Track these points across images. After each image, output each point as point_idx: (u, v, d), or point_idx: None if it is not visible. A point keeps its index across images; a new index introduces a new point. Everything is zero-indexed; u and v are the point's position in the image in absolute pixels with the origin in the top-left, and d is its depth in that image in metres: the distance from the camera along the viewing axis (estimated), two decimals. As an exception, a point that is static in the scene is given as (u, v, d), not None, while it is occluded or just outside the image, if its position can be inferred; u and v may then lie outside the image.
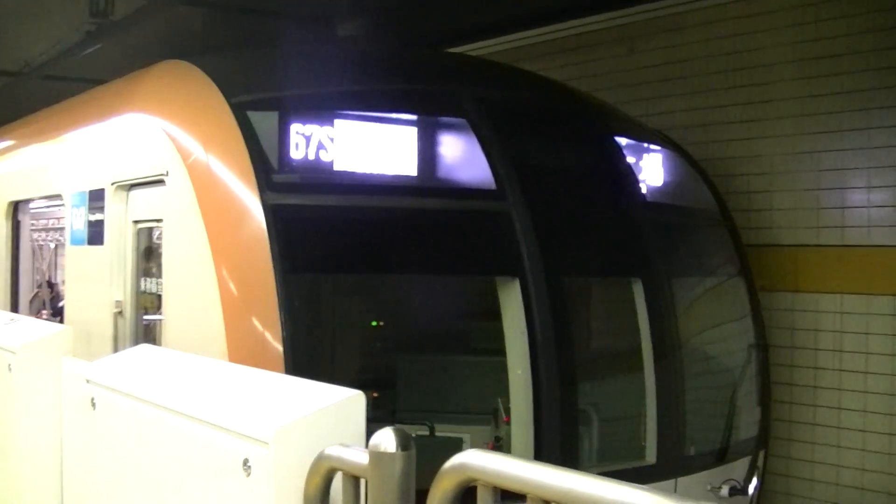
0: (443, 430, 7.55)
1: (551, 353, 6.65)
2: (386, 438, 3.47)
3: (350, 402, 3.95)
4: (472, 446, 6.75)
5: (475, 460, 3.25)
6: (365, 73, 7.67)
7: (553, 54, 11.69)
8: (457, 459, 3.31)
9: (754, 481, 7.75)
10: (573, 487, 2.96)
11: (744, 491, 7.60)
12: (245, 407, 4.31)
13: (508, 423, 6.97)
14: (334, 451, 3.73)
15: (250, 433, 3.91)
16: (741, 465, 7.83)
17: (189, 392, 4.70)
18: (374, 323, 8.17)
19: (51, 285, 16.48)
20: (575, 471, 3.04)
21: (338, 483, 3.78)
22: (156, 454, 4.78)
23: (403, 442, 3.49)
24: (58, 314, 14.47)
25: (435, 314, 8.00)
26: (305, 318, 6.46)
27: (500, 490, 3.23)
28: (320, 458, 3.76)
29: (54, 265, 19.48)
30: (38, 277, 16.41)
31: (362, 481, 3.68)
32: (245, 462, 3.93)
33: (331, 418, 3.89)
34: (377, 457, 3.48)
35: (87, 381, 5.57)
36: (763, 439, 8.33)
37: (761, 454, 8.15)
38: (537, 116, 7.76)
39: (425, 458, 3.57)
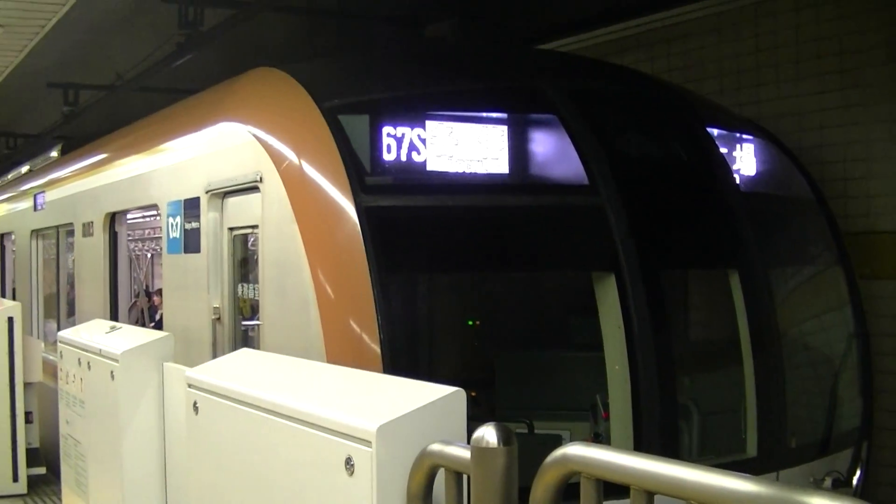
0: (541, 428, 7.54)
1: (649, 347, 6.62)
2: (488, 434, 3.49)
3: (451, 399, 3.97)
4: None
5: (578, 452, 3.26)
6: (454, 72, 7.69)
7: (642, 47, 11.62)
8: (559, 452, 3.32)
9: (858, 473, 7.65)
10: (678, 477, 2.95)
11: (847, 483, 7.50)
12: (347, 406, 4.35)
13: (607, 418, 6.95)
14: (437, 447, 3.75)
15: (353, 432, 3.94)
16: (844, 456, 7.72)
17: (290, 393, 4.74)
18: (469, 322, 8.19)
19: (148, 294, 16.76)
20: (679, 461, 3.04)
21: (440, 480, 3.80)
22: (258, 455, 4.84)
23: (506, 437, 3.50)
24: (153, 321, 14.72)
25: (531, 311, 8.00)
26: (402, 318, 6.49)
27: (602, 482, 3.23)
28: (423, 455, 3.78)
29: (151, 275, 19.85)
30: (135, 287, 16.69)
31: (465, 477, 3.70)
32: (348, 461, 3.95)
33: (432, 416, 3.91)
34: (480, 452, 3.50)
35: (190, 386, 5.64)
36: (866, 430, 8.20)
37: (864, 445, 8.03)
38: (628, 110, 7.73)
39: (524, 455, 3.58)
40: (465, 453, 3.60)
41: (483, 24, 9.83)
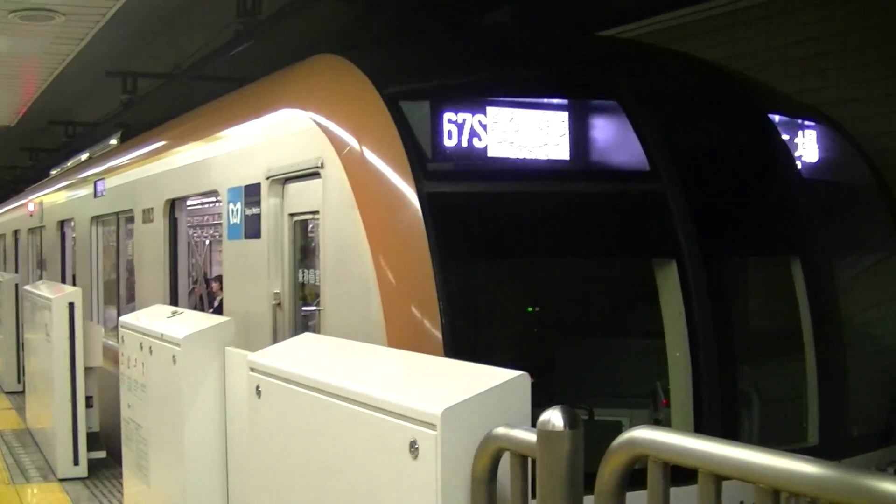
0: (600, 415, 7.52)
1: (710, 335, 6.59)
2: (555, 417, 3.50)
3: (515, 383, 3.98)
4: (632, 429, 6.76)
5: (646, 435, 3.25)
6: (514, 59, 7.68)
7: (703, 34, 11.54)
8: (626, 435, 3.32)
9: (921, 462, 7.58)
10: (748, 460, 2.94)
11: (911, 472, 7.44)
12: (411, 390, 4.36)
13: (667, 405, 6.93)
14: (502, 431, 3.76)
15: (418, 415, 3.95)
16: (906, 446, 7.66)
17: (353, 377, 4.76)
18: (529, 309, 8.17)
19: (206, 280, 16.88)
20: (748, 445, 3.02)
21: (505, 463, 3.81)
22: (321, 439, 4.86)
23: (572, 420, 3.51)
24: (211, 307, 14.83)
25: (591, 298, 7.98)
26: (463, 304, 6.49)
27: (669, 466, 3.22)
28: (488, 438, 3.78)
29: (209, 261, 19.98)
30: (193, 273, 16.81)
31: (529, 461, 3.71)
32: (412, 444, 3.97)
33: (497, 399, 3.91)
34: (546, 436, 3.50)
35: (252, 370, 5.68)
36: (930, 419, 8.13)
37: (928, 434, 7.96)
38: (689, 96, 7.69)
39: (585, 442, 3.57)
40: (530, 437, 3.61)
41: (543, 10, 9.81)
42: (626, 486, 3.34)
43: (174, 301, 10.85)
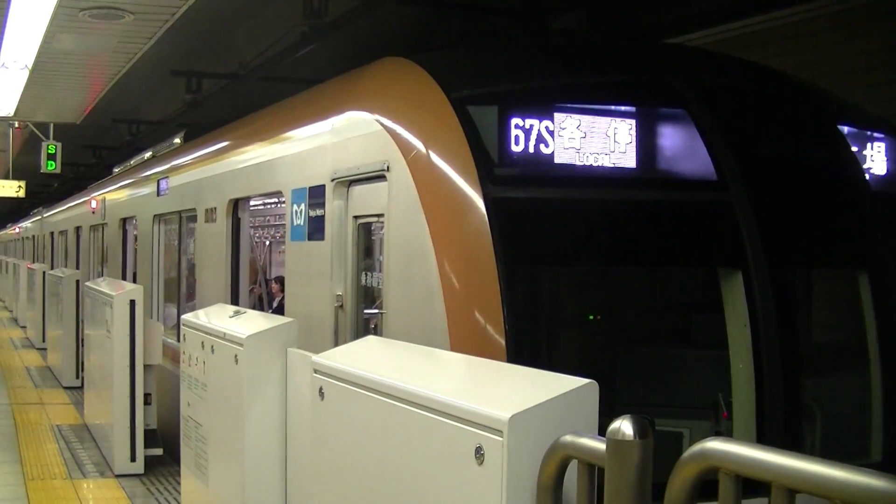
0: (660, 425, 7.47)
1: (775, 347, 6.53)
2: (625, 426, 3.48)
3: (584, 391, 3.97)
4: (692, 441, 6.70)
5: (718, 447, 3.23)
6: (582, 65, 7.66)
7: (769, 43, 11.46)
8: (698, 447, 3.29)
9: None
10: (823, 474, 2.91)
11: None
12: (477, 395, 4.35)
13: (727, 418, 6.87)
14: (570, 438, 3.74)
15: (484, 420, 3.94)
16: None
17: (418, 381, 4.75)
18: (591, 316, 8.14)
19: (266, 281, 16.95)
20: (823, 459, 2.99)
21: (571, 472, 3.79)
22: (385, 442, 4.86)
23: (642, 430, 3.49)
24: (270, 308, 14.87)
25: (654, 307, 7.93)
26: (526, 310, 6.47)
27: (741, 479, 3.19)
28: (556, 446, 3.77)
29: (269, 262, 20.07)
30: (257, 273, 16.88)
31: (596, 469, 3.69)
32: (478, 450, 3.96)
33: (564, 407, 3.90)
34: (615, 445, 3.48)
35: (316, 372, 5.69)
36: None
37: None
38: (757, 105, 7.62)
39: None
40: (599, 445, 3.59)
41: (610, 16, 9.77)
42: (696, 497, 3.31)
43: (235, 301, 10.91)
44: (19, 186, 35.83)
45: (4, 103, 19.72)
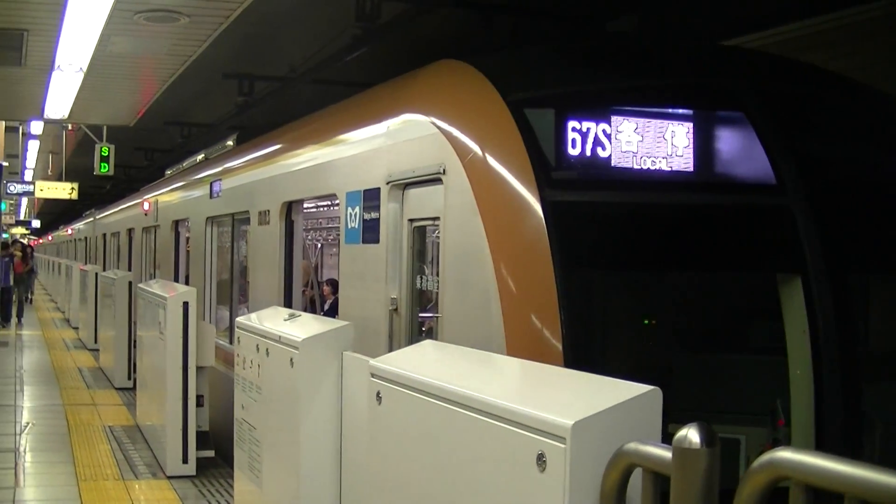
0: (718, 431, 7.38)
1: (834, 354, 6.44)
2: (692, 434, 3.43)
3: (647, 398, 3.93)
4: (749, 448, 6.63)
5: (789, 457, 3.17)
6: (639, 67, 7.60)
7: (821, 46, 11.35)
8: (767, 457, 3.24)
9: None
10: (899, 486, 2.84)
11: None
12: (538, 401, 4.31)
13: (783, 425, 6.79)
14: (634, 446, 3.69)
15: (546, 427, 3.90)
16: None
17: (478, 386, 4.72)
18: (646, 321, 8.08)
19: (318, 283, 16.98)
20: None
21: (635, 479, 3.74)
22: (443, 448, 4.82)
23: (709, 438, 3.44)
24: (322, 310, 14.89)
25: (710, 312, 7.86)
26: (583, 315, 6.43)
27: (813, 490, 3.14)
28: (620, 454, 3.72)
29: (320, 265, 20.11)
30: (312, 276, 16.90)
31: (660, 478, 3.64)
32: (540, 456, 3.92)
33: (628, 414, 3.86)
34: (682, 453, 3.43)
35: (373, 376, 5.67)
36: None
37: None
38: (816, 108, 7.54)
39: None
40: (664, 453, 3.54)
41: (666, 19, 9.70)
42: (766, 507, 3.26)
43: (288, 303, 10.91)
44: (72, 188, 36.20)
45: (59, 106, 19.83)
